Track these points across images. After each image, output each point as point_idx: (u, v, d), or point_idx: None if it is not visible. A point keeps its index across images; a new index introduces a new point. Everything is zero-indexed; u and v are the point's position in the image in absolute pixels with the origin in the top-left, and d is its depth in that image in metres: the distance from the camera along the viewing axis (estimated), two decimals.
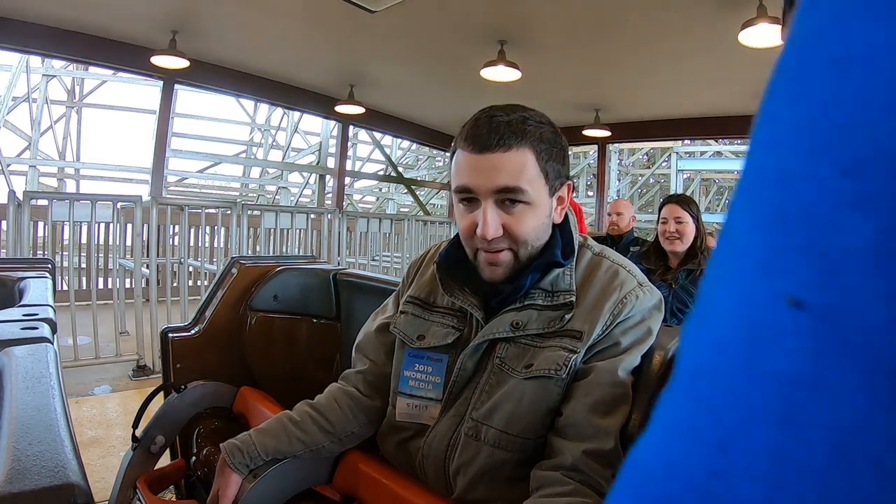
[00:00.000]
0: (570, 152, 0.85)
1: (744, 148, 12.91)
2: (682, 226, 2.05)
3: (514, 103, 0.81)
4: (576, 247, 0.84)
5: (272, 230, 4.60)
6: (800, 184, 0.13)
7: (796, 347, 0.12)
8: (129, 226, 3.76)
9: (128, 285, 4.20)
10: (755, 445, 0.13)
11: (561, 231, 0.84)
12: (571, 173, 0.88)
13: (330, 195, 7.30)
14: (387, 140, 12.47)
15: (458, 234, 0.87)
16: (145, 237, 3.46)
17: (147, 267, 3.46)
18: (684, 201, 2.11)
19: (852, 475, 0.11)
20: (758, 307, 0.13)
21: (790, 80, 0.14)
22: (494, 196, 0.77)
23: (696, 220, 2.07)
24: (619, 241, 3.23)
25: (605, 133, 6.49)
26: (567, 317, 0.78)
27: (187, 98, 11.51)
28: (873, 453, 0.11)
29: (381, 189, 14.20)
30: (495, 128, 0.76)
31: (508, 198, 0.77)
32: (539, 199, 0.78)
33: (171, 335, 1.27)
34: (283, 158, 11.76)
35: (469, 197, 0.79)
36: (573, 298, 0.79)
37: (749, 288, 0.14)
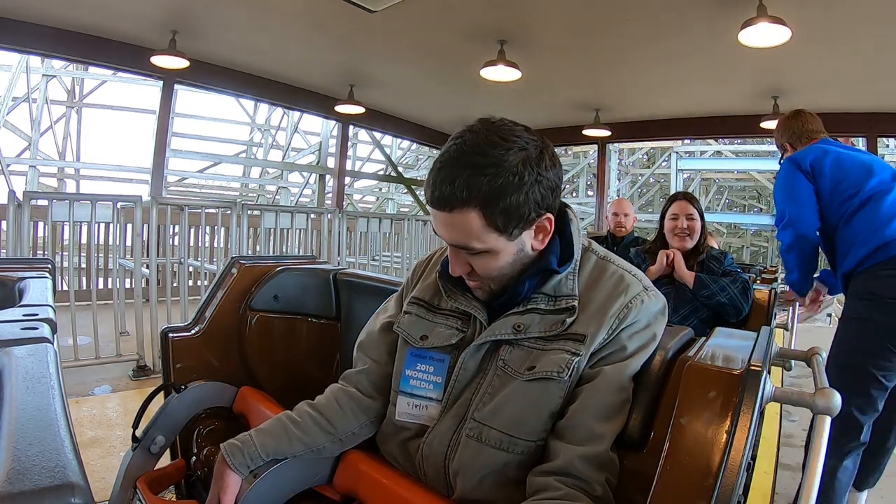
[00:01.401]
0: (552, 176, 0.77)
1: (744, 147, 12.90)
2: (693, 222, 2.07)
3: (491, 130, 0.75)
4: (577, 251, 0.84)
5: (272, 230, 4.60)
6: None
7: None
8: (129, 226, 3.76)
9: (128, 285, 4.20)
10: None
11: (561, 236, 0.84)
12: (572, 172, 0.88)
13: (330, 195, 7.30)
14: (387, 140, 12.48)
15: None
16: (145, 237, 3.46)
17: (147, 267, 3.46)
18: (693, 198, 2.14)
19: None
20: None
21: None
22: (455, 245, 0.79)
23: (702, 217, 2.09)
24: (620, 241, 3.21)
25: (605, 133, 6.48)
26: (569, 320, 0.79)
27: (187, 98, 11.51)
28: None
29: (381, 189, 14.21)
30: (440, 184, 0.74)
31: (468, 251, 0.79)
32: (496, 247, 0.77)
33: (171, 335, 1.27)
34: (283, 158, 11.76)
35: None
36: (575, 303, 0.80)
37: None
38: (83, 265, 5.16)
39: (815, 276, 1.89)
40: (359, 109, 5.94)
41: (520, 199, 0.74)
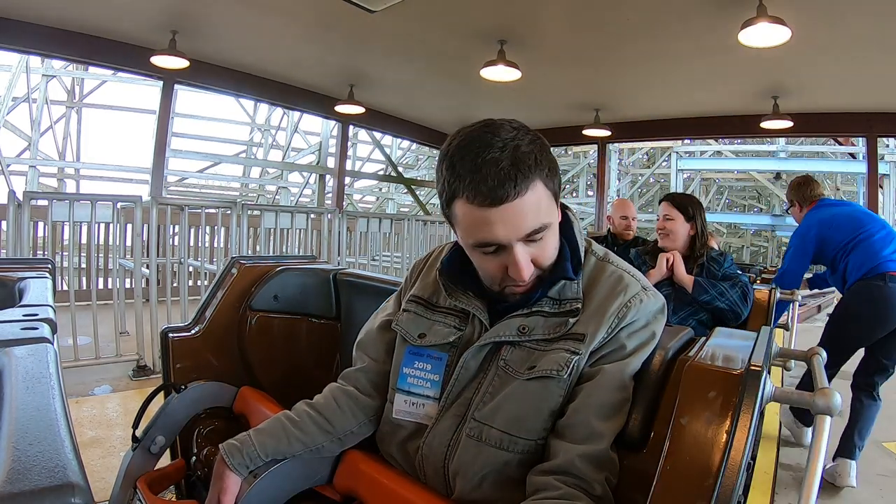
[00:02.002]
0: (555, 149, 0.84)
1: (744, 147, 12.90)
2: (670, 223, 2.06)
3: (487, 124, 0.76)
4: (582, 256, 0.85)
5: (272, 230, 4.60)
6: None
7: None
8: (129, 226, 3.76)
9: (128, 285, 4.21)
10: None
11: (567, 240, 0.84)
12: (572, 172, 0.87)
13: (330, 195, 7.30)
14: (387, 140, 12.48)
15: (456, 243, 0.88)
16: (145, 237, 3.46)
17: (147, 267, 3.46)
18: (676, 200, 2.12)
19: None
20: None
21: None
22: (524, 239, 0.75)
23: (693, 219, 2.07)
24: (622, 243, 3.17)
25: (605, 133, 6.48)
26: (571, 321, 0.79)
27: (187, 98, 11.53)
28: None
29: (381, 189, 14.21)
30: (503, 176, 0.71)
31: (534, 237, 0.76)
32: (554, 218, 0.79)
33: (171, 335, 1.27)
34: (283, 158, 11.76)
35: (495, 248, 0.76)
36: (579, 305, 0.80)
37: None
38: (83, 265, 5.16)
39: (808, 276, 2.75)
40: (359, 109, 5.94)
41: (548, 158, 0.78)
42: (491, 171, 0.71)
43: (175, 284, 3.83)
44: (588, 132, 6.44)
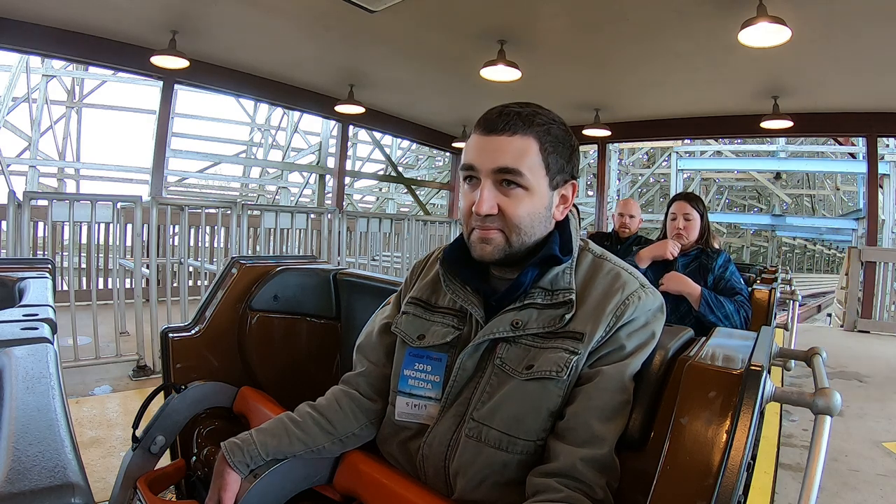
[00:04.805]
0: (579, 153, 0.87)
1: (744, 147, 12.92)
2: (689, 222, 2.10)
3: (532, 103, 0.85)
4: (575, 247, 0.85)
5: (272, 230, 4.60)
6: None
7: None
8: (129, 226, 3.76)
9: (128, 285, 4.20)
10: None
11: (561, 231, 0.85)
12: None
13: (330, 195, 7.30)
14: (387, 140, 12.50)
15: (461, 235, 0.88)
16: (145, 237, 3.46)
17: (147, 267, 3.46)
18: (692, 198, 2.17)
19: None
20: None
21: None
22: (493, 176, 0.79)
23: (702, 216, 2.11)
24: (624, 241, 3.21)
25: (605, 132, 6.48)
26: (567, 316, 0.78)
27: (187, 98, 11.54)
28: None
29: (381, 189, 14.22)
30: (505, 115, 0.80)
31: (506, 178, 0.79)
32: (537, 188, 0.80)
33: (171, 335, 1.27)
34: (283, 158, 11.77)
35: (471, 175, 0.82)
36: (573, 297, 0.80)
37: None
38: (83, 265, 5.16)
39: None
40: (359, 109, 5.94)
41: (566, 152, 0.84)
42: (500, 111, 0.82)
43: (175, 284, 3.83)
44: (588, 132, 6.44)
